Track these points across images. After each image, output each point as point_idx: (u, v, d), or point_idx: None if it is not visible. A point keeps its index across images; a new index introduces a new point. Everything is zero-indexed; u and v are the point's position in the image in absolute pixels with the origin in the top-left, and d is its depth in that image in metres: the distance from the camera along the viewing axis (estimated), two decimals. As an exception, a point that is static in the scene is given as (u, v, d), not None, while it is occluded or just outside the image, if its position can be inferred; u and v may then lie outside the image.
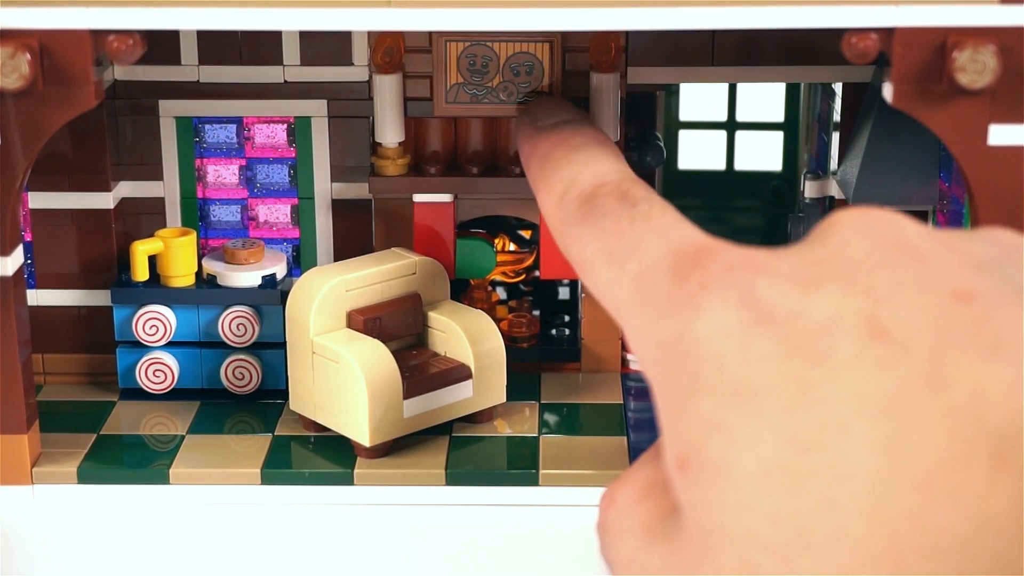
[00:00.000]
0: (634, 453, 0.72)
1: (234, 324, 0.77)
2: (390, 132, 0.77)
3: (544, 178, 0.49)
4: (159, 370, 0.77)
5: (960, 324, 0.30)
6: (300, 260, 0.81)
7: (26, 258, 0.75)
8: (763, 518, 0.29)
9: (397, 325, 0.74)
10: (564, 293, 0.87)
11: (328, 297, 0.72)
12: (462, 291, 0.84)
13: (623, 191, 0.42)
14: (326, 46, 0.77)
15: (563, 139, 0.52)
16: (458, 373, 0.73)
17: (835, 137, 0.81)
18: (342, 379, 0.71)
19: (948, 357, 0.29)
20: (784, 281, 0.31)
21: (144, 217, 0.80)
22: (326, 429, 0.73)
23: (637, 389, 0.80)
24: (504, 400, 0.76)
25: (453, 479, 0.71)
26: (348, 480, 0.71)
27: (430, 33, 0.76)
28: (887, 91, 0.63)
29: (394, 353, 0.72)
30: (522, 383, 0.79)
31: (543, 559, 0.70)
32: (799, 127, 0.92)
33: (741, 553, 0.29)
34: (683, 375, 0.32)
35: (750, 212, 0.96)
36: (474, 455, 0.72)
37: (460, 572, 0.70)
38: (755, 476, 0.29)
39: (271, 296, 0.77)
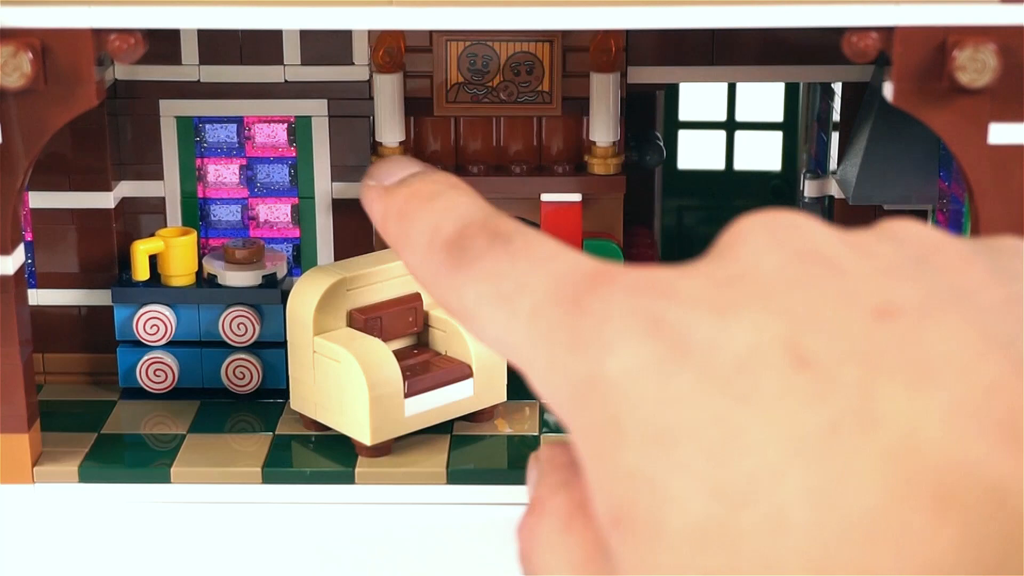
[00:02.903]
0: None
1: (235, 323, 0.77)
2: (390, 131, 0.77)
3: (404, 235, 0.45)
4: (160, 369, 0.78)
5: (886, 347, 0.28)
6: (300, 259, 0.81)
7: (26, 258, 0.75)
8: None
9: (398, 324, 0.74)
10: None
11: (329, 296, 0.72)
12: (462, 290, 0.84)
13: (491, 229, 0.38)
14: (327, 46, 0.77)
15: (415, 192, 0.48)
16: (459, 372, 0.73)
17: (835, 136, 0.81)
18: (343, 378, 0.71)
19: (877, 387, 0.27)
20: (694, 305, 0.29)
21: (144, 217, 0.80)
22: (327, 428, 0.73)
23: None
24: (504, 399, 0.76)
25: (454, 478, 0.71)
26: (349, 479, 0.71)
27: (431, 32, 0.76)
28: (887, 90, 0.63)
29: (395, 352, 0.72)
30: (522, 383, 0.79)
31: (544, 558, 0.70)
32: (798, 127, 0.92)
33: None
34: (602, 421, 0.29)
35: (749, 212, 0.96)
36: (475, 454, 0.73)
37: (461, 570, 0.70)
38: (687, 534, 0.27)
39: (271, 295, 0.77)
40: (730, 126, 0.95)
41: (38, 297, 0.79)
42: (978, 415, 0.27)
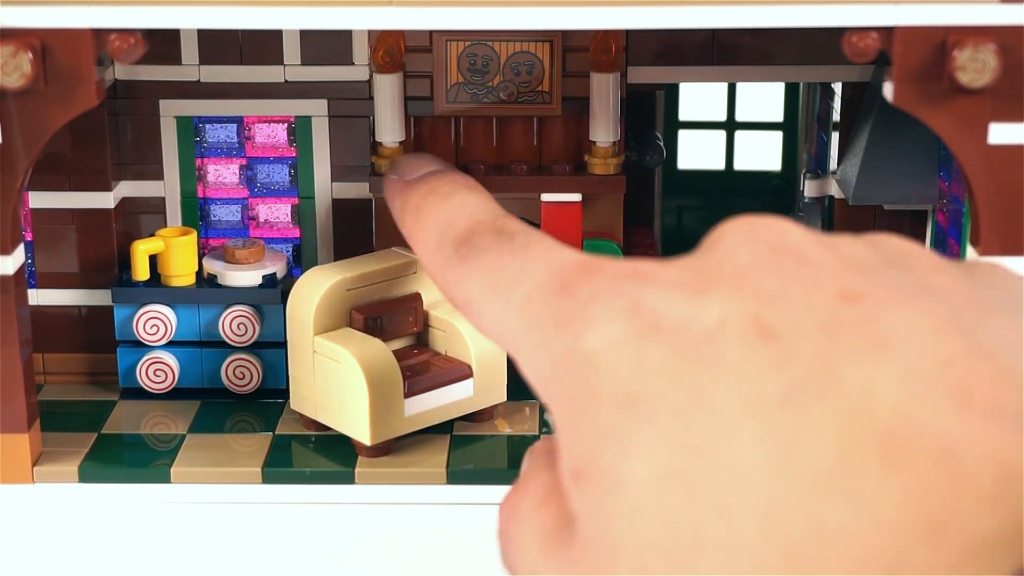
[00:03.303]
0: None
1: (235, 323, 0.77)
2: (390, 131, 0.77)
3: (419, 228, 0.50)
4: (160, 369, 0.78)
5: (847, 323, 0.30)
6: (300, 259, 0.81)
7: (26, 258, 0.75)
8: (658, 525, 0.29)
9: (398, 324, 0.74)
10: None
11: (329, 296, 0.72)
12: (462, 290, 0.84)
13: (498, 228, 0.42)
14: (326, 46, 0.77)
15: (432, 189, 0.53)
16: (459, 372, 0.73)
17: (835, 136, 0.81)
18: (343, 378, 0.71)
19: (836, 356, 0.29)
20: (672, 289, 0.31)
21: (144, 217, 0.80)
22: (327, 428, 0.73)
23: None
24: (504, 399, 0.76)
25: (454, 478, 0.71)
26: (349, 479, 0.71)
27: (431, 32, 0.76)
28: (887, 90, 0.63)
29: (395, 352, 0.72)
30: (522, 382, 0.78)
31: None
32: (798, 126, 0.92)
33: (637, 561, 0.29)
34: (576, 388, 0.31)
35: (749, 212, 0.96)
36: (475, 454, 0.73)
37: (461, 571, 0.70)
38: (648, 483, 0.29)
39: (272, 295, 0.77)
40: (730, 126, 0.95)
41: (38, 297, 0.79)
42: (931, 382, 0.28)
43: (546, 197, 0.78)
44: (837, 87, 0.80)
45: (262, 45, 0.77)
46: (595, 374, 0.31)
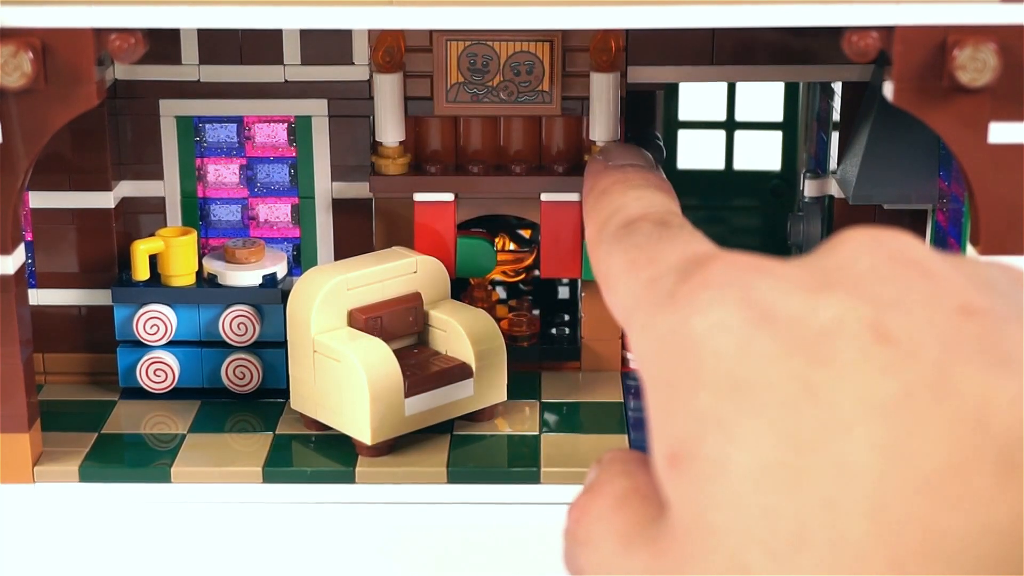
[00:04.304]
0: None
1: (235, 323, 0.77)
2: (391, 131, 0.77)
3: (596, 207, 0.52)
4: (160, 369, 0.78)
5: (966, 337, 0.30)
6: (300, 259, 0.81)
7: (27, 258, 0.75)
8: (758, 517, 0.29)
9: (398, 324, 0.74)
10: (564, 292, 0.88)
11: (329, 296, 0.72)
12: (462, 290, 0.84)
13: (662, 220, 0.43)
14: (326, 45, 0.77)
15: (624, 178, 0.55)
16: (459, 372, 0.73)
17: (834, 136, 0.81)
18: (343, 378, 0.71)
19: (953, 366, 0.29)
20: (788, 284, 0.32)
21: (144, 216, 0.80)
22: (327, 428, 0.73)
23: (637, 387, 0.80)
24: (505, 399, 0.76)
25: (454, 477, 0.71)
26: (349, 478, 0.71)
27: (431, 32, 0.76)
28: (887, 89, 0.63)
29: (395, 352, 0.72)
30: (522, 382, 0.79)
31: (544, 557, 0.70)
32: (798, 126, 0.93)
33: (733, 553, 0.29)
34: (678, 370, 0.32)
35: (749, 211, 0.96)
36: (475, 453, 0.73)
37: (461, 570, 0.70)
38: (752, 473, 0.29)
39: (272, 295, 0.77)
40: (730, 126, 0.95)
41: (38, 297, 0.79)
42: None
43: (546, 197, 0.78)
44: (837, 87, 0.80)
45: (262, 45, 0.77)
46: (699, 358, 0.31)
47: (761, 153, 0.95)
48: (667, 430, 0.31)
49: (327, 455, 0.72)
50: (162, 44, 0.76)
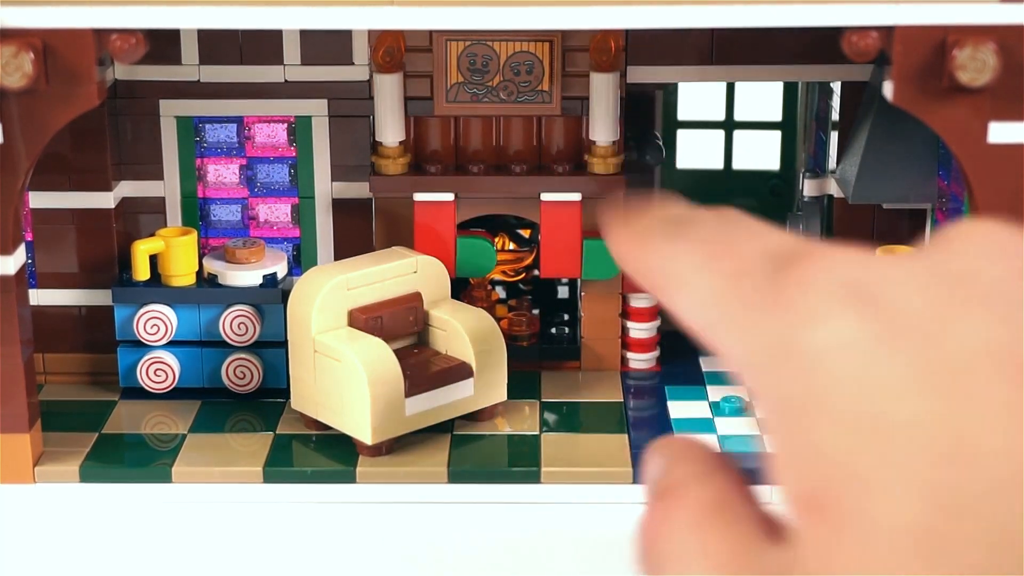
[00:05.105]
0: (635, 451, 0.72)
1: (235, 323, 0.77)
2: (391, 131, 0.77)
3: (629, 213, 0.46)
4: (160, 369, 0.78)
5: None
6: (301, 259, 0.81)
7: (27, 258, 0.75)
8: None
9: (398, 323, 0.74)
10: (563, 292, 0.88)
11: (329, 296, 0.72)
12: (462, 290, 0.84)
13: (719, 210, 0.39)
14: (326, 46, 0.77)
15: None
16: (459, 371, 0.73)
17: (834, 136, 0.81)
18: (344, 377, 0.71)
19: None
20: (911, 292, 0.27)
21: (145, 216, 0.80)
22: (328, 427, 0.73)
23: (637, 387, 0.80)
24: (505, 398, 0.76)
25: (455, 477, 0.71)
26: (350, 478, 0.71)
27: (431, 32, 0.76)
28: (887, 89, 0.63)
29: (395, 351, 0.72)
30: (522, 381, 0.79)
31: (544, 556, 0.70)
32: (797, 126, 0.93)
33: None
34: (798, 393, 0.28)
35: (748, 211, 0.96)
36: (475, 453, 0.73)
37: (462, 569, 0.70)
38: (897, 536, 0.26)
39: (272, 295, 0.77)
40: (729, 125, 0.95)
41: (38, 297, 0.79)
42: None
43: (546, 197, 0.78)
44: (836, 86, 0.80)
45: (262, 45, 0.77)
46: (819, 380, 0.27)
47: (760, 153, 0.95)
48: (796, 467, 0.28)
49: (327, 455, 0.72)
50: (162, 44, 0.76)
